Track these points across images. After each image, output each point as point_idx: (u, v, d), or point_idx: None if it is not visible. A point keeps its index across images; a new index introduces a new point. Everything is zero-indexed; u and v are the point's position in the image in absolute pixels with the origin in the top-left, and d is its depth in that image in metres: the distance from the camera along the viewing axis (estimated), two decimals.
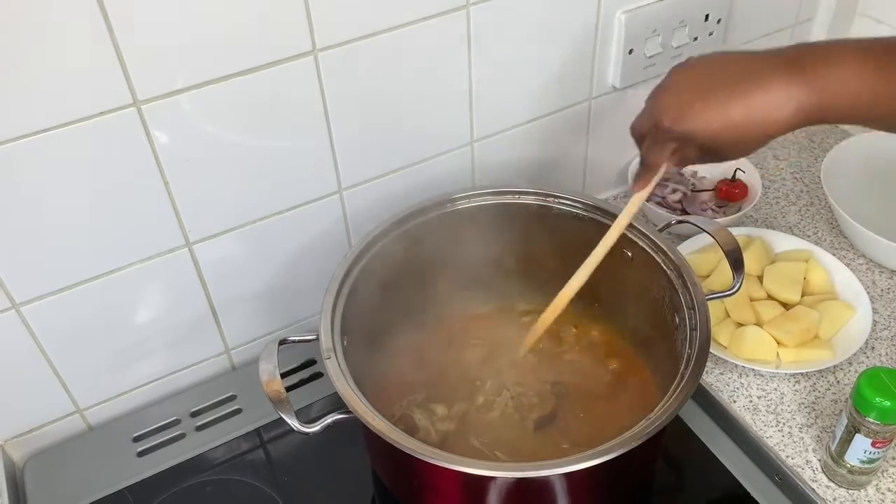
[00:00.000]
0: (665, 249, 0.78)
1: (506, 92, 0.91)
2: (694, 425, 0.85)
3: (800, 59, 0.55)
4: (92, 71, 0.66)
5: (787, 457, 0.79)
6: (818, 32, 1.12)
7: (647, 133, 0.61)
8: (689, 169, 1.11)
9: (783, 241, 0.98)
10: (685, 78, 0.59)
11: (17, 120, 0.66)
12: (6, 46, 0.62)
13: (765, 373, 0.86)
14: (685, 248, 0.96)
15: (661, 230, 0.81)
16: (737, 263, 0.77)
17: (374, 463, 0.80)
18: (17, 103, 0.65)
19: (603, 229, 0.82)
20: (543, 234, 0.86)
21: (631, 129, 0.66)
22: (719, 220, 1.00)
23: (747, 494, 0.79)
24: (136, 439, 0.87)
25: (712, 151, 0.58)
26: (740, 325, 0.89)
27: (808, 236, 1.02)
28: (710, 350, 0.70)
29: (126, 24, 0.66)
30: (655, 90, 0.61)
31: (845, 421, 0.72)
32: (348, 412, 0.66)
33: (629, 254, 0.81)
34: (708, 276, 0.94)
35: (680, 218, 0.85)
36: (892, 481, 0.76)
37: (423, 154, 0.90)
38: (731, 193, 1.05)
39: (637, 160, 1.07)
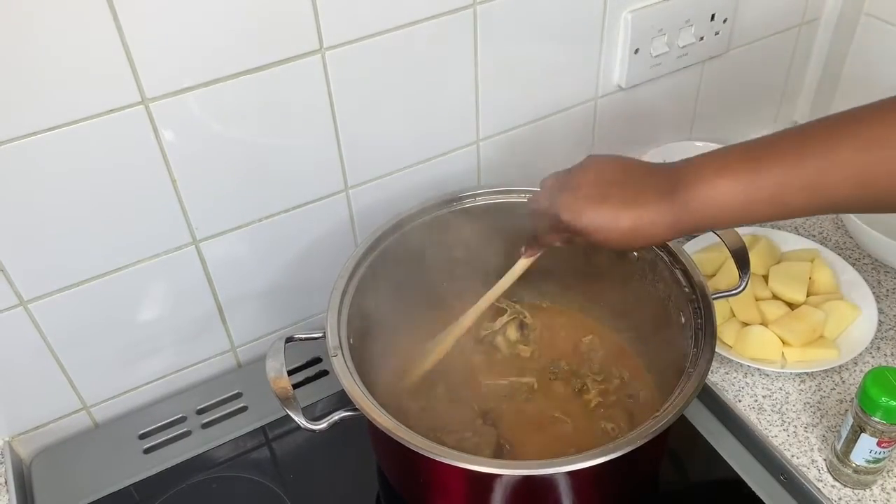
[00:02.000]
0: (671, 248, 0.78)
1: (511, 91, 0.91)
2: (699, 424, 0.85)
3: (677, 179, 0.62)
4: (100, 69, 0.67)
5: (793, 456, 0.79)
6: (823, 32, 1.12)
7: (544, 215, 0.70)
8: None
9: (789, 241, 0.98)
10: (588, 180, 0.66)
11: (26, 118, 0.66)
12: (15, 44, 0.63)
13: (770, 372, 0.86)
14: (691, 248, 0.97)
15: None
16: (742, 263, 0.77)
17: (380, 460, 0.81)
18: (26, 101, 0.66)
19: None
20: None
21: (529, 202, 0.74)
22: None
23: (752, 493, 0.79)
24: (143, 436, 0.87)
25: (599, 245, 0.66)
26: (746, 324, 0.89)
27: (814, 236, 1.02)
28: (716, 349, 0.70)
29: (135, 23, 0.66)
30: (558, 178, 0.69)
31: (851, 420, 0.72)
32: (355, 409, 0.66)
33: (635, 253, 0.81)
34: (714, 275, 0.94)
35: None
36: None
37: (429, 153, 0.90)
38: None
39: (644, 158, 1.07)
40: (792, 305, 0.91)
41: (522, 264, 0.77)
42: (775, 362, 0.86)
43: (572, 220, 0.65)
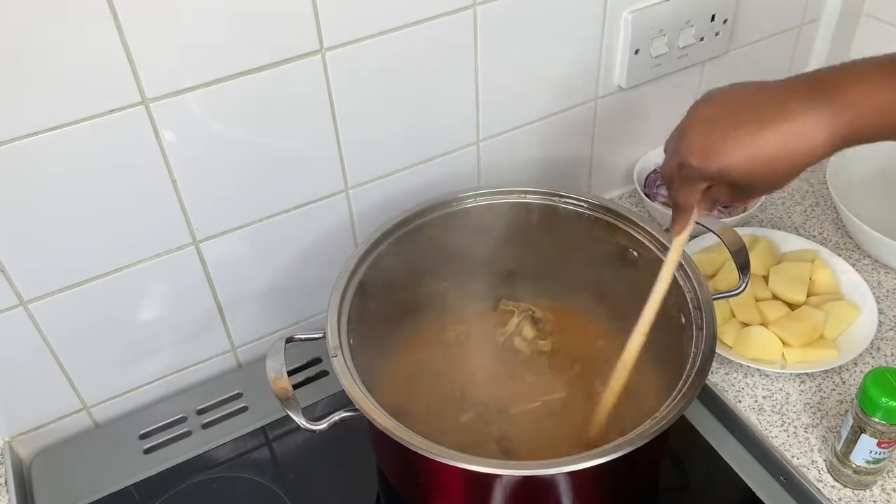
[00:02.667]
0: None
1: (512, 91, 0.91)
2: (699, 425, 0.85)
3: (824, 82, 0.54)
4: (101, 69, 0.67)
5: (793, 457, 0.79)
6: (824, 33, 1.12)
7: (675, 174, 0.60)
8: None
9: (789, 242, 0.98)
10: (709, 113, 0.57)
11: (27, 118, 0.66)
12: (15, 45, 0.63)
13: (770, 373, 0.86)
14: (691, 248, 0.96)
15: (667, 230, 0.81)
16: (743, 263, 0.77)
17: (380, 461, 0.81)
18: (27, 101, 0.66)
19: (608, 228, 0.82)
20: (549, 234, 0.86)
21: (661, 170, 0.63)
22: (725, 220, 1.00)
23: (752, 494, 0.79)
24: (143, 436, 0.87)
25: (745, 188, 0.56)
26: (746, 325, 0.89)
27: (814, 236, 1.02)
28: (716, 350, 0.70)
29: (135, 23, 0.66)
30: (679, 129, 0.59)
31: (851, 421, 0.72)
32: (355, 410, 0.66)
33: (635, 253, 0.81)
34: (714, 275, 0.94)
35: None
36: None
37: (429, 153, 0.90)
38: None
39: (643, 160, 1.08)
40: (792, 306, 0.91)
41: (677, 242, 0.66)
42: (775, 363, 0.86)
43: (704, 164, 0.55)
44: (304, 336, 0.75)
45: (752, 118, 0.53)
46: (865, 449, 0.71)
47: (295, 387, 0.71)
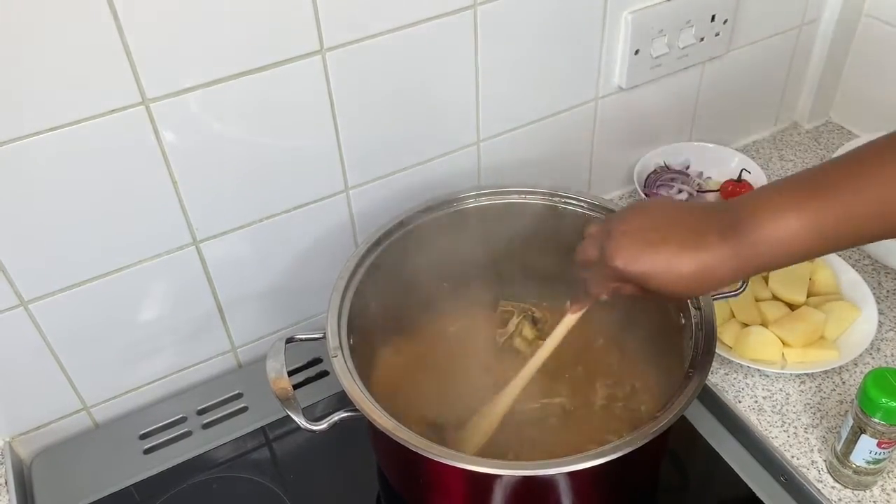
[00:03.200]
0: None
1: (512, 92, 0.91)
2: (699, 425, 0.85)
3: (736, 220, 0.59)
4: (101, 70, 0.67)
5: (793, 457, 0.79)
6: (823, 33, 1.12)
7: (594, 265, 0.65)
8: (694, 170, 1.11)
9: None
10: (639, 224, 0.62)
11: (27, 118, 0.66)
12: (17, 45, 0.63)
13: (770, 373, 0.86)
14: None
15: None
16: None
17: (380, 461, 0.81)
18: (28, 102, 0.66)
19: None
20: (549, 234, 0.86)
21: (577, 252, 0.69)
22: None
23: (752, 495, 0.79)
24: (143, 437, 0.87)
25: (654, 294, 0.62)
26: (746, 325, 0.89)
27: None
28: (716, 350, 0.70)
29: (136, 23, 0.66)
30: (608, 229, 0.64)
31: (851, 421, 0.72)
32: (355, 410, 0.66)
33: None
34: None
35: None
36: None
37: (429, 154, 0.90)
38: (736, 194, 1.05)
39: (643, 160, 1.08)
40: (792, 306, 0.91)
41: (569, 320, 0.72)
42: (775, 363, 0.86)
43: (626, 267, 0.60)
44: (304, 336, 0.75)
45: (675, 240, 0.59)
46: (865, 449, 0.71)
47: (295, 387, 0.71)
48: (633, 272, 0.60)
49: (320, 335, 0.73)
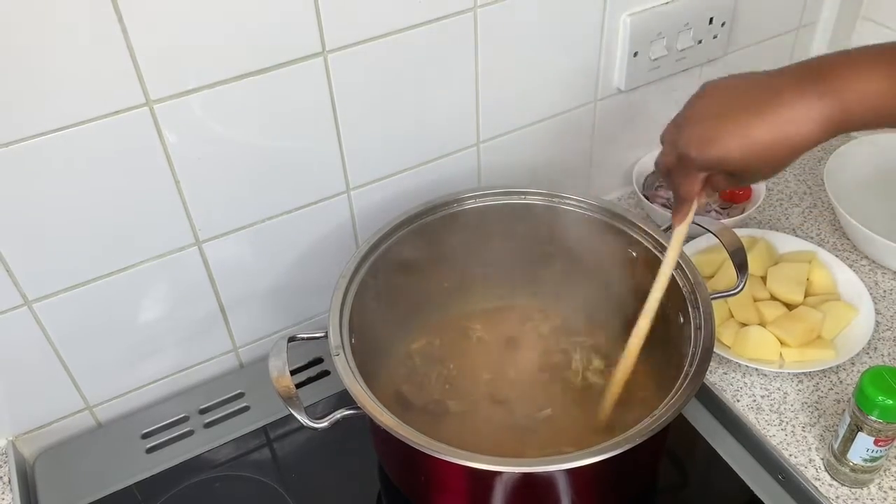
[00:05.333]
0: None
1: (512, 94, 0.92)
2: (698, 424, 0.86)
3: (817, 70, 0.54)
4: (105, 71, 0.67)
5: (791, 455, 0.79)
6: (821, 36, 1.13)
7: (674, 166, 0.61)
8: None
9: (787, 242, 0.98)
10: (705, 105, 0.58)
11: (31, 119, 0.67)
12: (20, 46, 0.63)
13: (768, 372, 0.86)
14: (690, 249, 0.97)
15: (665, 230, 0.82)
16: (741, 264, 0.78)
17: (382, 459, 0.81)
18: (31, 103, 0.66)
19: (608, 229, 0.83)
20: (549, 235, 0.86)
21: (656, 164, 0.65)
22: (723, 220, 1.01)
23: (751, 493, 0.80)
24: (145, 436, 0.88)
25: (742, 175, 0.57)
26: (744, 325, 0.89)
27: (812, 237, 1.03)
28: (714, 349, 0.70)
29: (139, 25, 0.66)
30: (675, 121, 0.61)
31: (848, 420, 0.72)
32: (356, 408, 0.67)
33: (634, 253, 0.82)
34: (712, 276, 0.94)
35: None
36: (895, 479, 0.77)
37: (430, 155, 0.91)
38: (735, 195, 1.06)
39: (642, 161, 1.08)
40: (790, 306, 0.91)
41: (679, 233, 0.68)
42: (773, 362, 0.86)
43: (701, 153, 0.56)
44: (306, 335, 0.75)
45: (747, 108, 0.55)
46: (862, 447, 0.72)
47: (297, 386, 0.71)
48: (710, 157, 0.56)
49: (322, 334, 0.73)
